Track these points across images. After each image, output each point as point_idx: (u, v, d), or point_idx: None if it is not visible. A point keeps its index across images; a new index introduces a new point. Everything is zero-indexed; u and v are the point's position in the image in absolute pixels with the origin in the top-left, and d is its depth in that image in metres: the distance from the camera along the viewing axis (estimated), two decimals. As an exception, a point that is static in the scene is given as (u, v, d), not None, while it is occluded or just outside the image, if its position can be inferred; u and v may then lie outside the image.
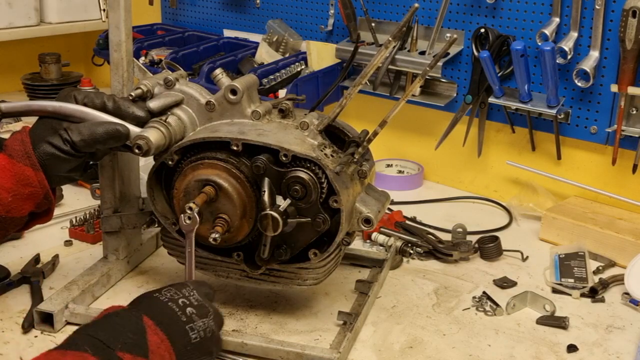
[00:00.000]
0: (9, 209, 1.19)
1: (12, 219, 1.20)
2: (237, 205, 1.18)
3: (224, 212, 1.19)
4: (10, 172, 1.18)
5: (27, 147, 1.19)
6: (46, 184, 1.20)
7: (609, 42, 1.65)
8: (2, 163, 1.18)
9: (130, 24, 1.36)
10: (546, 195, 1.79)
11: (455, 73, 1.93)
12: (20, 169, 1.18)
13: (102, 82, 2.62)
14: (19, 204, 1.19)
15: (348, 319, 1.28)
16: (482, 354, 1.24)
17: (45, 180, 1.20)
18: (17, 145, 1.19)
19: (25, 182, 1.18)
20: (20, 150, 1.19)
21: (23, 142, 1.19)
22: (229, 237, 1.22)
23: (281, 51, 2.19)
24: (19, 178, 1.18)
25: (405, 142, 2.08)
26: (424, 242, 1.59)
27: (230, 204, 1.19)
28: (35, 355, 0.90)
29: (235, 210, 1.19)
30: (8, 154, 1.19)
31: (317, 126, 1.23)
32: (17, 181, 1.18)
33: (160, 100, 1.26)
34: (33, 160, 1.18)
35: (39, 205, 1.22)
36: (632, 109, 1.65)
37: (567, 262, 1.51)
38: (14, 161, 1.18)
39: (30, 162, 1.18)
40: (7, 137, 1.24)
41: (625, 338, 1.30)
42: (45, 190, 1.21)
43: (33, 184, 1.19)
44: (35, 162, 1.18)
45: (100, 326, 0.96)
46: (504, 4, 1.81)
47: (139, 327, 0.98)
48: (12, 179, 1.18)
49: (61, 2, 2.62)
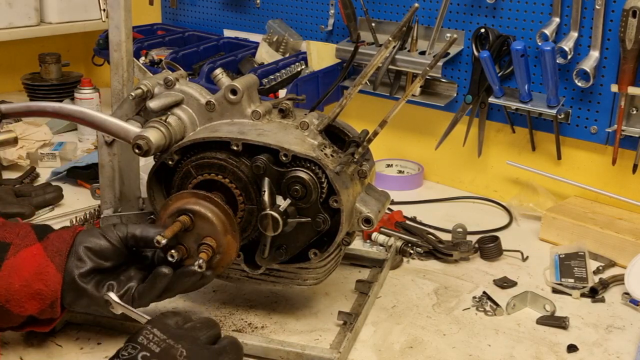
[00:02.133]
0: (9, 298, 1.11)
1: (7, 313, 1.12)
2: (215, 223, 1.15)
3: (206, 235, 1.16)
4: (35, 263, 1.11)
5: (64, 246, 1.13)
6: (59, 289, 1.12)
7: (609, 42, 1.65)
8: (34, 252, 1.12)
9: (130, 24, 1.36)
10: (546, 195, 1.79)
11: (455, 73, 1.93)
12: (44, 262, 1.12)
13: (102, 82, 2.62)
14: (21, 299, 1.11)
15: (348, 319, 1.28)
16: (482, 354, 1.24)
17: (60, 285, 1.12)
18: (58, 242, 1.14)
19: (40, 277, 1.11)
20: (56, 247, 1.13)
21: (65, 240, 1.14)
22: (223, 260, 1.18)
23: (281, 51, 2.19)
24: (38, 271, 1.11)
25: (405, 142, 2.08)
26: (424, 242, 1.59)
27: (209, 224, 1.15)
28: (35, 356, 0.90)
29: (215, 229, 1.15)
30: (44, 246, 1.13)
31: (317, 126, 1.23)
32: (35, 273, 1.11)
33: (160, 100, 1.26)
34: (62, 259, 1.12)
35: (43, 311, 1.13)
36: (632, 109, 1.65)
37: (567, 262, 1.51)
38: (45, 255, 1.12)
39: (59, 260, 1.12)
40: (57, 229, 1.18)
41: (625, 338, 1.30)
42: (55, 297, 1.12)
43: (47, 282, 1.11)
44: (62, 263, 1.12)
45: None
46: (504, 4, 1.81)
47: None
48: (32, 270, 1.11)
49: (61, 2, 2.62)
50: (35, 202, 1.74)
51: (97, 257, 1.14)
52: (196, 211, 1.15)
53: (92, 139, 2.23)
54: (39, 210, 1.74)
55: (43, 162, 2.06)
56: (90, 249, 1.14)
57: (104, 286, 1.14)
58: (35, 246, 1.13)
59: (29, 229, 1.16)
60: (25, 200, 1.74)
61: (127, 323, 1.20)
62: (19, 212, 1.66)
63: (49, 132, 2.15)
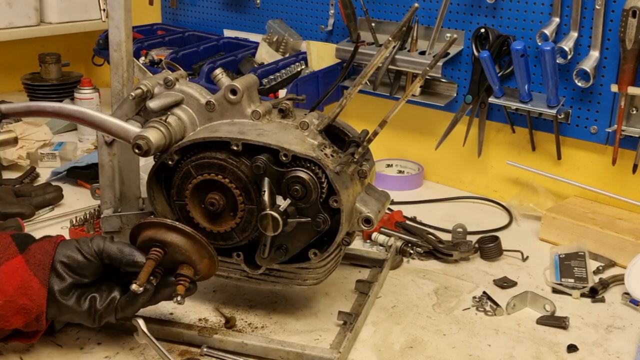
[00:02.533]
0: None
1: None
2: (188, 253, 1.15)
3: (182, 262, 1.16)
4: (19, 277, 1.11)
5: (47, 259, 1.12)
6: (44, 303, 1.11)
7: (609, 42, 1.65)
8: (16, 266, 1.11)
9: (130, 24, 1.36)
10: (546, 195, 1.79)
11: (455, 73, 1.93)
12: (28, 276, 1.11)
13: (102, 82, 2.62)
14: (6, 314, 1.10)
15: (348, 319, 1.28)
16: (482, 354, 1.24)
17: (45, 300, 1.11)
18: (40, 254, 1.13)
19: (25, 292, 1.10)
20: (39, 259, 1.13)
21: (47, 252, 1.13)
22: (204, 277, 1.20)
23: (281, 51, 2.19)
24: (22, 285, 1.10)
25: (405, 142, 2.08)
26: (424, 242, 1.59)
27: (182, 255, 1.16)
28: (35, 356, 0.90)
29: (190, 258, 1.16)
30: (26, 258, 1.12)
31: (317, 126, 1.23)
32: (18, 288, 1.10)
33: (160, 100, 1.26)
34: (45, 273, 1.11)
35: (28, 325, 1.13)
36: (632, 109, 1.65)
37: (567, 262, 1.51)
38: (28, 268, 1.11)
39: (42, 274, 1.11)
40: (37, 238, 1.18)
41: (625, 338, 1.30)
42: (40, 310, 1.11)
43: (32, 297, 1.10)
44: (46, 277, 1.11)
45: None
46: (504, 4, 1.81)
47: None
48: (15, 284, 1.10)
49: (61, 2, 2.62)
50: (35, 202, 1.74)
51: (74, 273, 1.14)
52: (168, 242, 1.15)
53: (92, 139, 2.24)
54: (39, 210, 1.74)
55: (43, 162, 2.06)
56: (66, 265, 1.14)
57: (86, 299, 1.15)
58: (17, 259, 1.12)
59: (10, 240, 1.15)
60: (25, 200, 1.74)
61: (127, 323, 1.20)
62: (19, 212, 1.66)
63: (49, 132, 2.15)
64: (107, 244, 1.16)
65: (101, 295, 1.16)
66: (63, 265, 1.13)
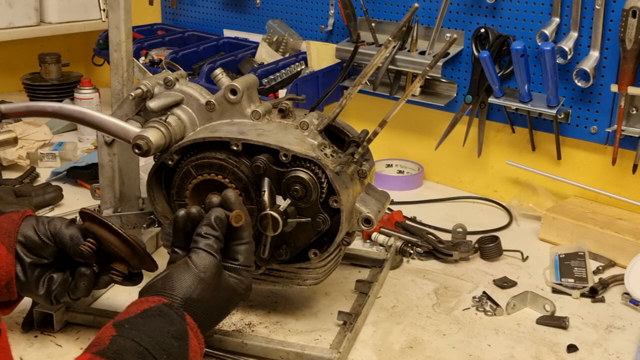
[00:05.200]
0: None
1: None
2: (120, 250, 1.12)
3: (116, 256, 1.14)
4: None
5: (13, 227, 1.11)
6: (12, 269, 1.10)
7: (609, 42, 1.65)
8: None
9: (130, 24, 1.36)
10: (546, 195, 1.79)
11: (455, 73, 1.93)
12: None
13: (102, 82, 2.62)
14: None
15: (348, 319, 1.28)
16: (482, 354, 1.24)
17: (14, 266, 1.10)
18: (7, 223, 1.11)
19: None
20: (5, 228, 1.10)
21: (13, 221, 1.11)
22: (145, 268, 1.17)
23: (281, 51, 2.19)
24: None
25: (405, 142, 2.08)
26: (424, 242, 1.59)
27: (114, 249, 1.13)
28: (35, 356, 0.90)
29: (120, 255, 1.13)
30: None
31: (317, 126, 1.23)
32: None
33: (160, 100, 1.26)
34: (12, 240, 1.10)
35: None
36: (632, 109, 1.65)
37: (567, 262, 1.51)
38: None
39: (8, 241, 1.09)
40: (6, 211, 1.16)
41: (625, 338, 1.30)
42: (10, 277, 1.10)
43: (0, 263, 1.08)
44: (13, 244, 1.10)
45: (143, 329, 0.92)
46: (504, 4, 1.81)
47: (182, 332, 0.94)
48: None
49: (61, 2, 2.62)
50: (35, 202, 1.74)
51: (31, 253, 1.12)
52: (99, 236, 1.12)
53: (92, 139, 2.23)
54: (38, 210, 1.74)
55: (43, 162, 2.06)
56: (23, 244, 1.12)
57: (44, 281, 1.14)
58: None
59: None
60: (25, 200, 1.74)
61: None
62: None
63: (49, 132, 2.15)
64: (62, 228, 1.14)
65: (58, 276, 1.14)
66: (20, 245, 1.12)
